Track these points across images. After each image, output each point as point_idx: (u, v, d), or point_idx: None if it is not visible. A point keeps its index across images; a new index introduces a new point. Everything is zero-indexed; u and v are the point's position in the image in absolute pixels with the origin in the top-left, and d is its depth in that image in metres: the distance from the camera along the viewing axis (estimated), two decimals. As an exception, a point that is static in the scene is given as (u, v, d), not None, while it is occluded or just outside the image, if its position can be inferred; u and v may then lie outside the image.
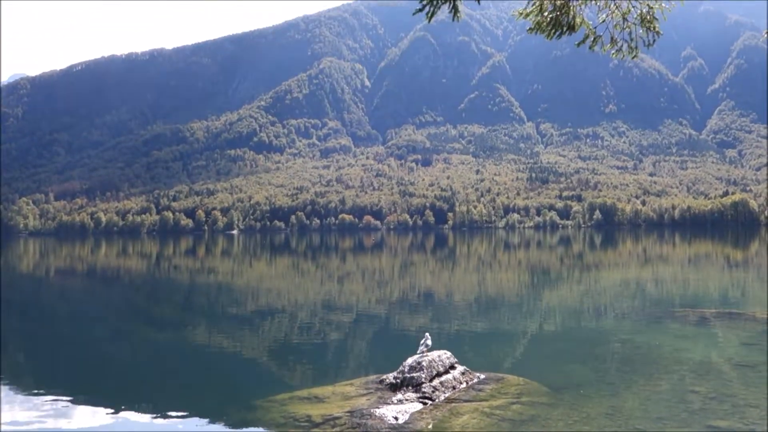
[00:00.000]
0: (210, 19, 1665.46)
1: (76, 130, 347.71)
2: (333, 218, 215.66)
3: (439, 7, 10.12)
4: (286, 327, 29.57)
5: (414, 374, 15.18)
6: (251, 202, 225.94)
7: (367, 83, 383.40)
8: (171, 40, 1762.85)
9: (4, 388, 18.78)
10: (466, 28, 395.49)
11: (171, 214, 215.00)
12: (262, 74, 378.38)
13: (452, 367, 16.16)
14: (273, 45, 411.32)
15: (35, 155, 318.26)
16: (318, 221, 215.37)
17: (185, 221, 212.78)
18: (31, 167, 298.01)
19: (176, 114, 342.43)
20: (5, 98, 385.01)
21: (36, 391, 18.33)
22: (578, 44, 10.71)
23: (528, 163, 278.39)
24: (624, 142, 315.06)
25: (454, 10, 10.27)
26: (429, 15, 10.25)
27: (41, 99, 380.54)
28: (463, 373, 16.10)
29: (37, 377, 20.68)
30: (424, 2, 10.04)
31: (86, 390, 19.01)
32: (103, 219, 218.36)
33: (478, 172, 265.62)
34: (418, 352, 15.99)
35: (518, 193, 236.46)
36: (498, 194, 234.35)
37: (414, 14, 10.47)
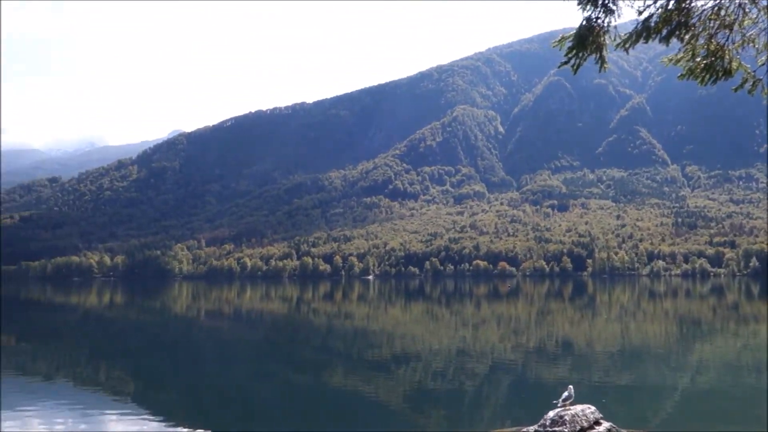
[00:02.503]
0: (348, 72, 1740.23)
1: (226, 180, 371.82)
2: (467, 264, 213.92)
3: (586, 59, 9.91)
4: (421, 373, 29.46)
5: (556, 428, 14.50)
6: (386, 248, 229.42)
7: (501, 129, 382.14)
8: (312, 94, 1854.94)
9: (160, 422, 20.05)
10: (603, 71, 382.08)
11: (310, 260, 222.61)
12: (396, 123, 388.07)
13: (597, 423, 15.29)
14: (407, 95, 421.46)
15: (190, 204, 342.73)
16: (452, 267, 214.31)
17: (323, 266, 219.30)
18: (185, 215, 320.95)
19: (316, 163, 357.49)
20: (165, 153, 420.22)
21: (183, 426, 19.42)
22: (736, 89, 10.11)
23: (673, 207, 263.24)
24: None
25: (601, 60, 10.03)
26: (575, 67, 10.03)
27: (196, 152, 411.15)
28: (609, 430, 15.20)
29: (187, 413, 21.90)
30: (570, 55, 9.86)
31: (231, 426, 19.86)
32: (249, 264, 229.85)
33: (618, 217, 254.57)
34: (559, 405, 15.28)
35: (663, 239, 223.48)
36: (641, 240, 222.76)
37: (559, 67, 10.27)
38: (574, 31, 9.88)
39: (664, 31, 9.45)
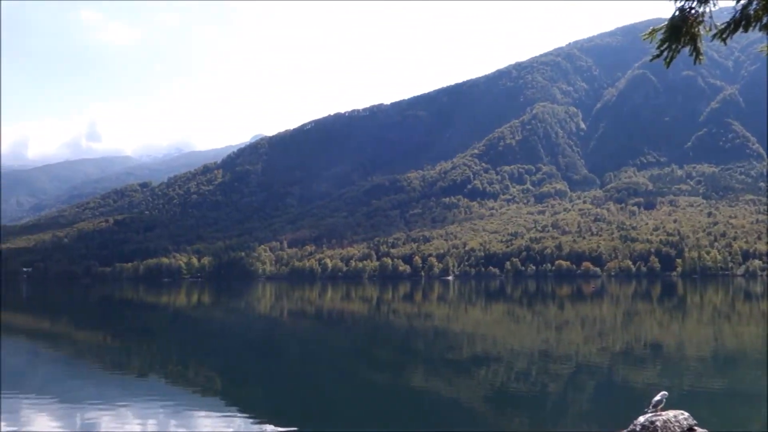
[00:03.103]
0: (425, 72, 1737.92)
1: (306, 183, 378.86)
2: (549, 264, 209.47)
3: (679, 51, 9.43)
4: (502, 374, 29.05)
5: (645, 434, 13.93)
6: (466, 248, 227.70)
7: (583, 126, 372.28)
8: (389, 95, 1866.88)
9: (245, 418, 20.59)
10: (692, 63, 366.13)
11: (390, 260, 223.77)
12: (475, 123, 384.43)
13: (691, 430, 14.60)
14: (485, 93, 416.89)
15: (272, 207, 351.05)
16: (533, 267, 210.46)
17: (403, 267, 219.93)
18: (268, 218, 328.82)
19: (394, 164, 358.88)
20: (248, 156, 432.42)
21: (267, 423, 19.86)
22: None
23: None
24: None
25: (696, 52, 9.53)
26: (668, 60, 9.57)
27: (277, 156, 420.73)
28: (702, 437, 14.47)
29: (271, 411, 22.40)
30: (662, 48, 9.41)
31: (313, 424, 20.18)
32: (329, 265, 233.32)
33: (710, 214, 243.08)
34: (650, 410, 14.67)
35: (759, 237, 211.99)
36: (734, 238, 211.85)
37: (652, 60, 9.77)
38: (666, 23, 9.42)
39: (765, 19, 8.88)
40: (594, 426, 17.11)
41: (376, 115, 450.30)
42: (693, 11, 9.13)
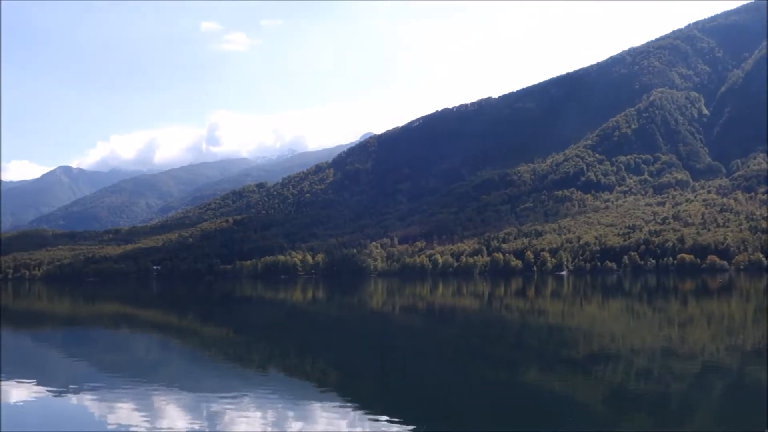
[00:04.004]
0: (534, 63, 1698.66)
1: (415, 179, 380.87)
2: (670, 258, 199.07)
3: None
4: (621, 373, 28.01)
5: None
6: (580, 242, 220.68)
7: (705, 111, 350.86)
8: (497, 88, 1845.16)
9: (358, 411, 21.04)
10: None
11: (501, 256, 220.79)
12: (587, 113, 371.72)
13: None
14: (598, 82, 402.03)
15: (382, 204, 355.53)
16: (653, 261, 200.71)
17: (515, 262, 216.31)
18: (378, 214, 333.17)
19: (504, 158, 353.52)
20: (358, 155, 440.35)
21: (380, 417, 20.18)
22: None
23: None
24: None
25: None
26: None
27: (386, 153, 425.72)
28: None
29: (384, 405, 22.75)
30: None
31: (425, 419, 20.30)
32: (440, 261, 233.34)
33: None
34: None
35: None
36: None
37: None
38: None
39: None
40: (722, 427, 16.20)
41: (484, 109, 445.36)
42: None
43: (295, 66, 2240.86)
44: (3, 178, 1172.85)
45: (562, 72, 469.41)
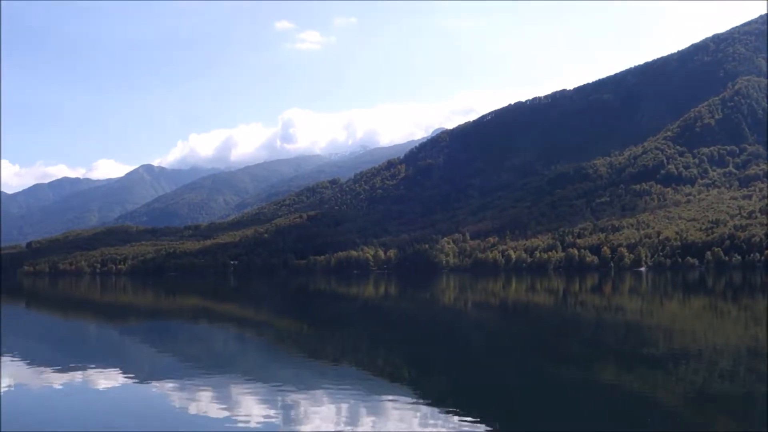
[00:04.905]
0: (609, 53, 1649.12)
1: (487, 174, 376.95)
2: (758, 254, 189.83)
3: None
4: (704, 372, 26.98)
5: None
6: (660, 237, 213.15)
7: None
8: (572, 80, 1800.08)
9: (429, 406, 21.06)
10: None
11: (576, 251, 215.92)
12: (666, 103, 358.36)
13: None
14: (678, 71, 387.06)
15: (454, 199, 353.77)
16: (739, 257, 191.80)
17: (590, 258, 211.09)
18: (450, 210, 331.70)
19: (579, 152, 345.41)
20: (429, 150, 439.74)
21: (451, 413, 20.14)
22: None
23: None
24: None
25: None
26: None
27: (458, 148, 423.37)
28: None
29: (455, 400, 22.69)
30: None
31: (497, 416, 20.13)
32: (513, 256, 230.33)
33: None
34: None
35: None
36: None
37: None
38: None
39: None
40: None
41: (558, 101, 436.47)
42: None
43: (368, 63, 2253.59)
44: (90, 177, 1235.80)
45: (640, 61, 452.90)
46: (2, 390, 25.14)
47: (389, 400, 22.29)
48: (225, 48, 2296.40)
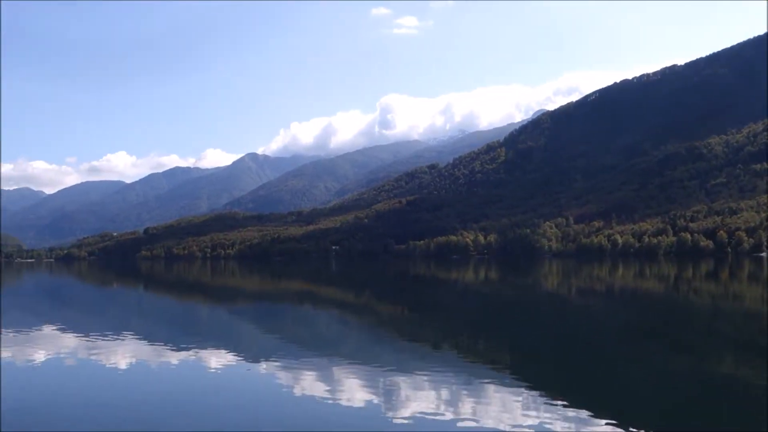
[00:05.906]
0: (724, 25, 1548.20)
1: (591, 155, 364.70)
2: None
3: None
4: (836, 366, 24.88)
5: None
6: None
7: None
8: (683, 55, 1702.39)
9: (530, 392, 20.57)
10: None
11: (689, 235, 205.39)
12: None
13: None
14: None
15: (556, 182, 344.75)
16: None
17: (704, 243, 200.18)
18: (552, 193, 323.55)
19: (691, 131, 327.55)
20: (530, 133, 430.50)
21: (552, 399, 19.56)
22: None
23: None
24: None
25: None
26: None
27: (560, 130, 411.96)
28: None
29: (558, 388, 22.06)
30: None
31: (599, 405, 19.39)
32: (620, 241, 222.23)
33: None
34: None
35: None
36: None
37: None
38: None
39: None
40: None
41: (668, 78, 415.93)
42: None
43: (466, 46, 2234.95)
44: (200, 166, 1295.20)
45: (760, 32, 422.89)
46: (127, 366, 26.94)
47: (491, 385, 21.97)
48: (323, 37, 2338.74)
